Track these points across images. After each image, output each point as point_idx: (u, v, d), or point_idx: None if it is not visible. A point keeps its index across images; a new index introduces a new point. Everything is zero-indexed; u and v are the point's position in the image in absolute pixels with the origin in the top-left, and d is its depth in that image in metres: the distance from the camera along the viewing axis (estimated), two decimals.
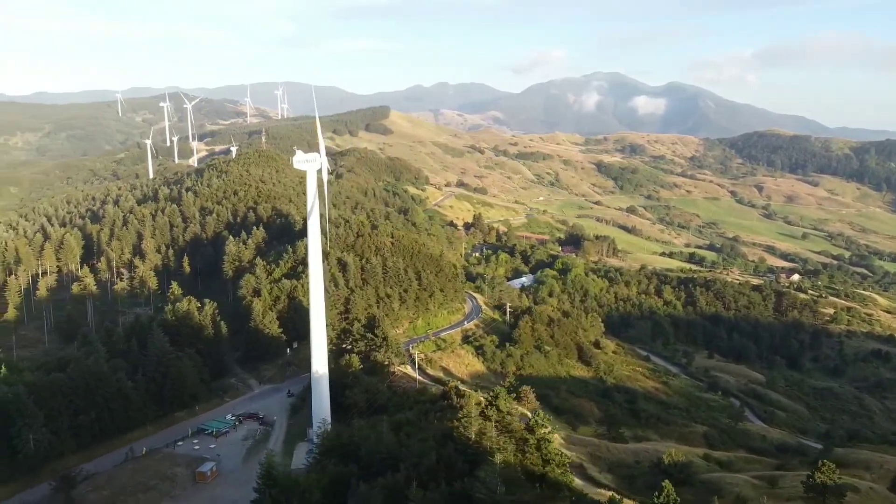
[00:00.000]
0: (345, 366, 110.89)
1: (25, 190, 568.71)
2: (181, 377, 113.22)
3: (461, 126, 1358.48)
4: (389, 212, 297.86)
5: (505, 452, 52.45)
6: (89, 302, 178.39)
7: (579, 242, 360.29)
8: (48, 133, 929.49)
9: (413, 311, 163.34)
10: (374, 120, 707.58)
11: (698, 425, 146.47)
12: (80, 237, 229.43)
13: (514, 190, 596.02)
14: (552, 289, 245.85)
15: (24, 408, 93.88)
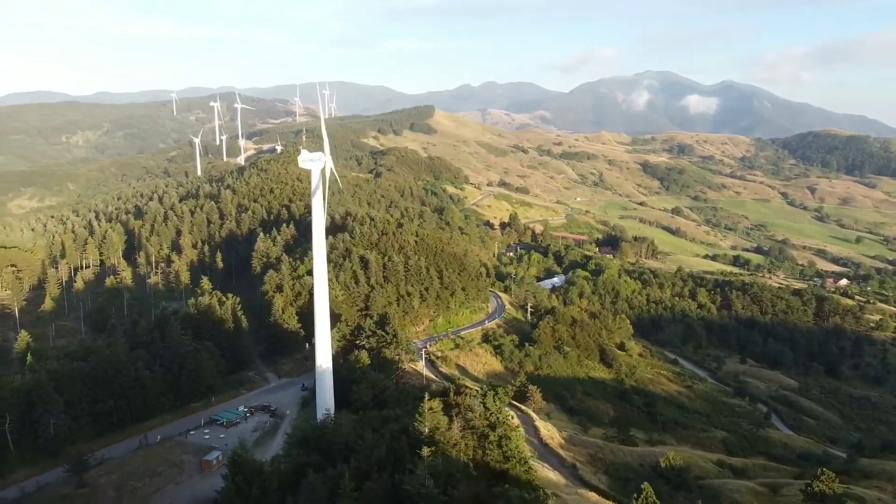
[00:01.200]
0: (353, 361, 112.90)
1: (83, 186, 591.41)
2: (198, 369, 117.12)
3: (508, 126, 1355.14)
4: (424, 210, 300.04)
5: (465, 448, 53.39)
6: (125, 295, 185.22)
7: (617, 243, 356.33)
8: (107, 132, 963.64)
9: (434, 310, 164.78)
10: (419, 119, 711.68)
11: (717, 431, 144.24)
12: (123, 232, 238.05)
13: (557, 190, 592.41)
14: (583, 290, 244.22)
15: (45, 394, 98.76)
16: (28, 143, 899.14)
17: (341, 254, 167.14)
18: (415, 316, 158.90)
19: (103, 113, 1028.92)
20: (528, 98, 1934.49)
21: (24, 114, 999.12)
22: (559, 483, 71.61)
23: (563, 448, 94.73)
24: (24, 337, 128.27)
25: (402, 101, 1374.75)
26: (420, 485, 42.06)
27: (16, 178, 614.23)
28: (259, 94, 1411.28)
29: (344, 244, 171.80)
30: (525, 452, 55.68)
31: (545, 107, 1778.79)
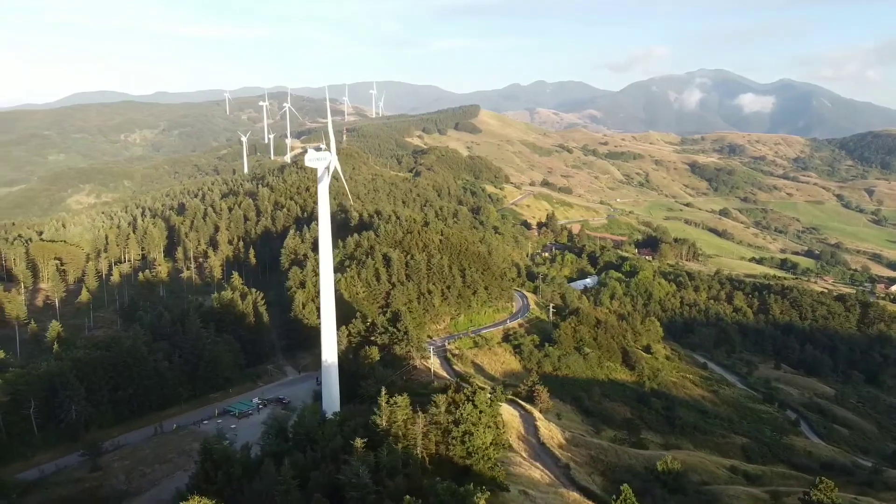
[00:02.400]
0: (363, 357, 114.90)
1: (137, 183, 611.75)
2: (215, 361, 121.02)
3: (557, 125, 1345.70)
4: (460, 210, 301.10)
5: (427, 442, 54.46)
6: (162, 288, 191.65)
7: (657, 245, 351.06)
8: (163, 130, 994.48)
9: (455, 308, 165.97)
10: (464, 119, 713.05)
11: (738, 437, 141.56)
12: (164, 228, 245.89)
13: (601, 190, 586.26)
14: (614, 291, 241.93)
15: (67, 381, 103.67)
16: (89, 141, 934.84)
17: (365, 251, 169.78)
18: (435, 314, 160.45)
19: (160, 112, 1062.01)
20: (577, 97, 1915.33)
21: (86, 113, 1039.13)
22: (541, 482, 71.97)
23: (563, 448, 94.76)
24: (54, 327, 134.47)
25: (451, 101, 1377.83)
26: (354, 475, 43.39)
27: (75, 175, 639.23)
28: (310, 94, 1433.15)
29: (368, 242, 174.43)
30: (490, 450, 56.29)
31: (595, 106, 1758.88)
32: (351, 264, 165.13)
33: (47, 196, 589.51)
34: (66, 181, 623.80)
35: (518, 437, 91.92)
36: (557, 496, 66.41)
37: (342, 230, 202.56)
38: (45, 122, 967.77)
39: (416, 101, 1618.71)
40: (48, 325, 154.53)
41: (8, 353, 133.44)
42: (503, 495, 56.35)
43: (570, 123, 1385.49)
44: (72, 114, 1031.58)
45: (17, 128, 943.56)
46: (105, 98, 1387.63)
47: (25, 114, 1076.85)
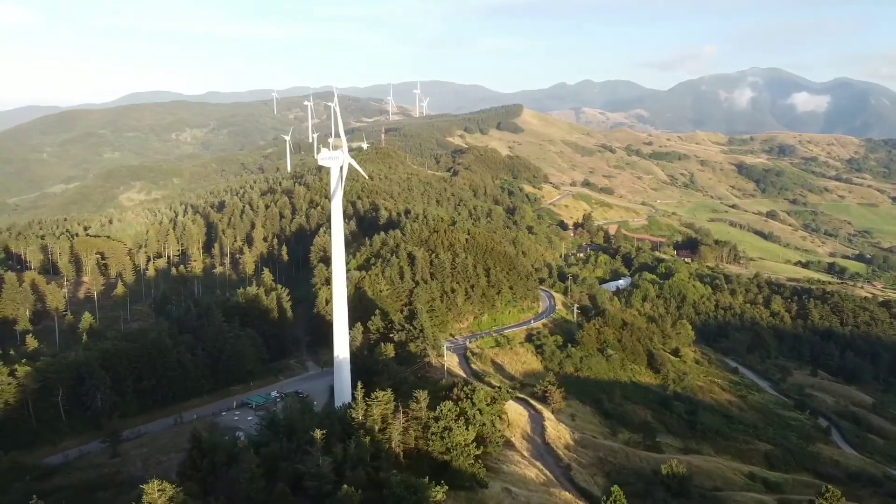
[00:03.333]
0: (378, 353, 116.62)
1: (186, 181, 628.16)
2: (237, 354, 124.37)
3: (603, 124, 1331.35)
4: (494, 209, 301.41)
5: (405, 437, 55.51)
6: (196, 283, 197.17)
7: (696, 247, 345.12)
8: (212, 129, 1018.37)
9: (478, 307, 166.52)
10: (506, 118, 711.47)
11: (762, 443, 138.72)
12: (203, 224, 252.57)
13: (643, 191, 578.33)
14: (647, 293, 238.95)
15: (93, 371, 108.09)
16: (142, 139, 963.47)
17: (391, 249, 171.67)
18: (458, 313, 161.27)
19: (210, 112, 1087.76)
20: (624, 96, 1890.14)
21: (140, 113, 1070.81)
22: (533, 480, 72.35)
23: (569, 449, 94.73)
24: (86, 318, 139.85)
25: (496, 100, 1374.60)
26: (314, 465, 44.70)
27: (127, 173, 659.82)
28: (357, 94, 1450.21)
29: (394, 240, 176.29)
30: (470, 446, 57.01)
31: (643, 105, 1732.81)
32: (376, 262, 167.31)
33: (101, 193, 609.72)
34: (118, 178, 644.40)
35: (522, 436, 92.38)
36: (547, 495, 66.73)
37: (372, 228, 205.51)
38: (102, 122, 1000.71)
39: (462, 101, 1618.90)
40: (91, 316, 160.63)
41: (43, 343, 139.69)
42: (483, 492, 57.03)
43: (617, 123, 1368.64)
44: (126, 113, 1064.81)
45: (76, 127, 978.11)
46: (159, 98, 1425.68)
47: (84, 113, 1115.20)
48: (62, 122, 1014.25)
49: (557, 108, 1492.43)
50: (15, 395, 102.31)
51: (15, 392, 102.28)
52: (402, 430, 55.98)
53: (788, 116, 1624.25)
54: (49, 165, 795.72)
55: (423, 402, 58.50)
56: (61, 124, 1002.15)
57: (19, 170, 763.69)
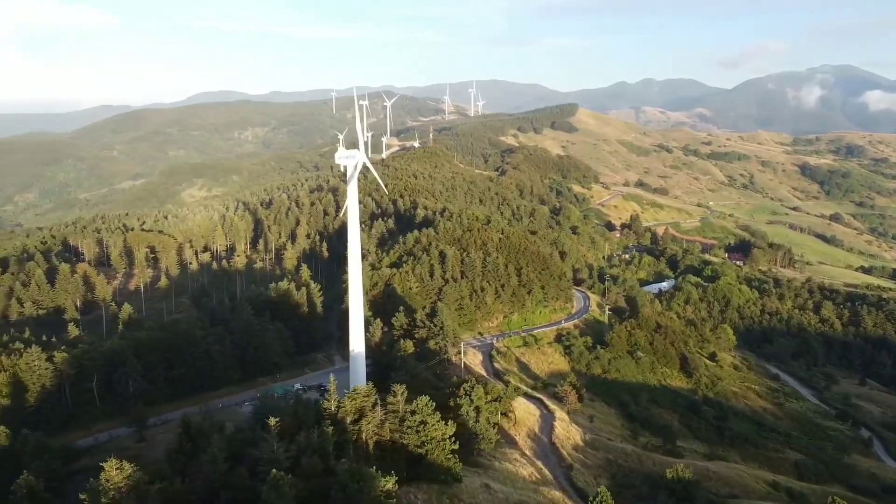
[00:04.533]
0: (397, 349, 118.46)
1: (245, 178, 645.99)
2: (263, 347, 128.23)
3: (663, 124, 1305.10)
4: (537, 209, 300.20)
5: (380, 429, 56.93)
6: (238, 277, 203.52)
7: (749, 249, 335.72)
8: (273, 128, 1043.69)
9: (508, 307, 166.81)
10: (561, 118, 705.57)
11: (792, 452, 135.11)
12: (251, 221, 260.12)
13: (700, 191, 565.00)
14: (689, 295, 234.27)
15: (125, 359, 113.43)
16: (206, 138, 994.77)
17: (423, 248, 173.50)
18: (487, 311, 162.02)
19: (271, 111, 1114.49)
20: (686, 95, 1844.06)
21: (205, 112, 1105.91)
22: (525, 478, 72.84)
23: (577, 450, 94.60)
24: (126, 309, 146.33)
25: (555, 99, 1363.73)
26: (268, 451, 46.56)
27: (189, 170, 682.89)
28: (416, 93, 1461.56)
29: (427, 238, 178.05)
30: (447, 441, 58.06)
31: (705, 104, 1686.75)
32: (408, 260, 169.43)
33: (164, 189, 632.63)
34: (180, 176, 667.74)
35: (528, 435, 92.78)
36: (533, 493, 67.17)
37: (409, 227, 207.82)
38: (169, 120, 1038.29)
39: (520, 99, 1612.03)
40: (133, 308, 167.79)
41: (85, 331, 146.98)
42: (458, 486, 58.06)
43: (678, 122, 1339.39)
44: (192, 112, 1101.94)
45: (144, 125, 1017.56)
46: (225, 97, 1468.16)
47: (153, 112, 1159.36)
48: (132, 121, 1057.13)
49: (616, 108, 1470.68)
50: (52, 380, 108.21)
51: (52, 377, 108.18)
52: (379, 423, 57.46)
53: (860, 116, 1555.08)
54: (118, 162, 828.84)
55: (401, 396, 59.85)
56: (131, 123, 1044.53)
57: (91, 166, 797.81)
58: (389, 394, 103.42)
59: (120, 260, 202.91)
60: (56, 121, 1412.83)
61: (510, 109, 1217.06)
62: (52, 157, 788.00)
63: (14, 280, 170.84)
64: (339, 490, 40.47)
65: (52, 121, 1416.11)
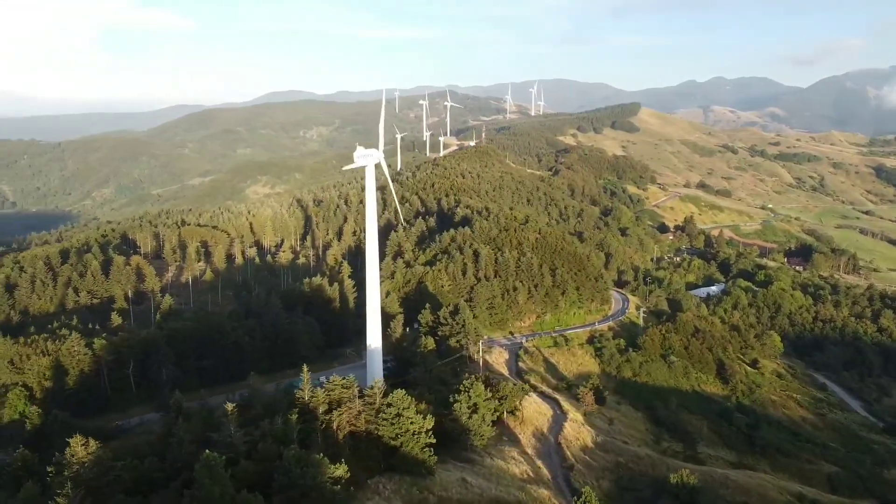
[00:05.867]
0: (417, 346, 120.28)
1: (307, 176, 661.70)
2: (292, 340, 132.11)
3: (733, 123, 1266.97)
4: (585, 210, 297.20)
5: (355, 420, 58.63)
6: (283, 273, 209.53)
7: (810, 254, 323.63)
8: (337, 127, 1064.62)
9: (541, 307, 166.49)
10: (622, 117, 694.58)
11: (827, 464, 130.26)
12: (302, 218, 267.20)
13: (765, 194, 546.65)
14: (738, 300, 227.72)
15: (159, 347, 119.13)
16: (273, 136, 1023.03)
17: (457, 246, 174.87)
18: (518, 311, 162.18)
19: (336, 110, 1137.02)
20: (759, 94, 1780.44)
21: (272, 111, 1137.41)
22: (515, 476, 73.39)
23: (584, 451, 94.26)
24: (167, 300, 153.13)
25: (621, 98, 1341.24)
26: (226, 435, 48.80)
27: (254, 168, 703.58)
28: (480, 93, 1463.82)
29: (462, 237, 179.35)
30: (423, 435, 59.35)
31: (779, 104, 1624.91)
32: (442, 258, 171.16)
33: (230, 186, 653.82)
34: (246, 173, 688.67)
35: (533, 434, 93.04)
36: (517, 490, 67.79)
37: (448, 225, 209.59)
38: (238, 119, 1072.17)
39: (585, 99, 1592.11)
40: (181, 299, 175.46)
41: (135, 320, 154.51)
42: (431, 479, 59.30)
43: (749, 122, 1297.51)
44: (261, 111, 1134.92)
45: (215, 124, 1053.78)
46: (293, 97, 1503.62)
47: (224, 111, 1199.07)
48: (203, 120, 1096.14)
49: (684, 107, 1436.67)
50: (90, 365, 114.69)
51: (90, 362, 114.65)
52: (356, 414, 59.29)
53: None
54: (190, 160, 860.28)
55: (378, 390, 61.53)
56: (202, 122, 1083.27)
57: (164, 163, 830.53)
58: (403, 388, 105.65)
59: (172, 253, 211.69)
60: (135, 119, 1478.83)
61: (574, 109, 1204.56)
62: (129, 154, 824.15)
63: (72, 270, 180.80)
64: (282, 474, 42.39)
65: (131, 119, 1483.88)
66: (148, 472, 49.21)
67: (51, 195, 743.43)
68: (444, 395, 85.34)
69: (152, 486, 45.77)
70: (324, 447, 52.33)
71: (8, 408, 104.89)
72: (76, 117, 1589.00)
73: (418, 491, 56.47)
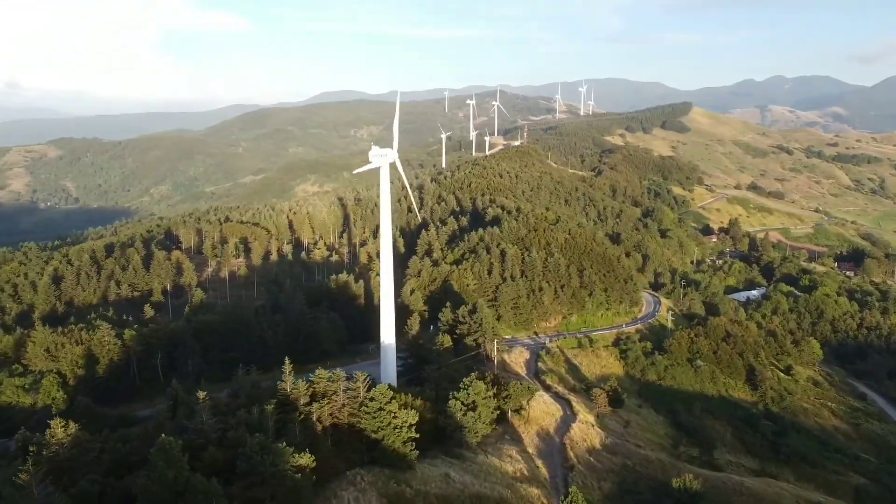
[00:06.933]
0: (433, 344, 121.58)
1: (355, 175, 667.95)
2: (314, 335, 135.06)
3: (792, 124, 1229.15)
4: (624, 210, 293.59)
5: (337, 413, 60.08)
6: (317, 269, 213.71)
7: (862, 259, 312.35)
8: (386, 127, 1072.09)
9: (567, 308, 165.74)
10: (672, 117, 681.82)
11: (856, 476, 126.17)
12: (341, 216, 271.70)
13: (821, 196, 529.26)
14: (778, 305, 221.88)
15: (185, 339, 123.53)
16: (324, 136, 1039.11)
17: (485, 246, 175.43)
18: (544, 311, 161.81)
19: (386, 110, 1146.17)
20: (821, 93, 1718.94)
21: (325, 111, 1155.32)
22: (507, 473, 73.81)
23: (590, 453, 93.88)
24: (198, 294, 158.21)
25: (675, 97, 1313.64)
26: (199, 422, 50.76)
27: (304, 167, 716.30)
28: (531, 92, 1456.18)
29: (490, 237, 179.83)
30: (405, 431, 60.47)
31: (842, 103, 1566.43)
32: (470, 257, 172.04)
33: (280, 184, 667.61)
34: (295, 171, 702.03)
35: (537, 433, 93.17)
36: (503, 487, 68.33)
37: (478, 224, 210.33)
38: (291, 119, 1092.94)
39: (638, 98, 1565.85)
40: (218, 294, 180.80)
41: (169, 313, 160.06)
42: (412, 473, 60.40)
43: (809, 122, 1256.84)
44: (313, 111, 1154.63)
45: (269, 123, 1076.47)
46: (346, 97, 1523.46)
47: (278, 111, 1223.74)
48: (257, 120, 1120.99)
49: (740, 106, 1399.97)
50: (119, 355, 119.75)
51: (119, 352, 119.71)
52: (339, 407, 60.84)
53: None
54: (243, 158, 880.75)
55: (363, 384, 62.91)
56: (256, 121, 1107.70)
57: (219, 162, 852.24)
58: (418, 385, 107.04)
59: (212, 249, 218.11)
60: (193, 119, 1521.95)
61: (627, 108, 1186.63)
62: (185, 152, 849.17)
63: (115, 264, 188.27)
64: (244, 461, 44.13)
65: (189, 119, 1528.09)
66: (127, 454, 51.81)
67: (111, 192, 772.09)
68: (447, 393, 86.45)
69: (131, 469, 48.17)
70: (302, 438, 53.95)
71: (42, 393, 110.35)
72: (138, 116, 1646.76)
73: (396, 484, 57.60)
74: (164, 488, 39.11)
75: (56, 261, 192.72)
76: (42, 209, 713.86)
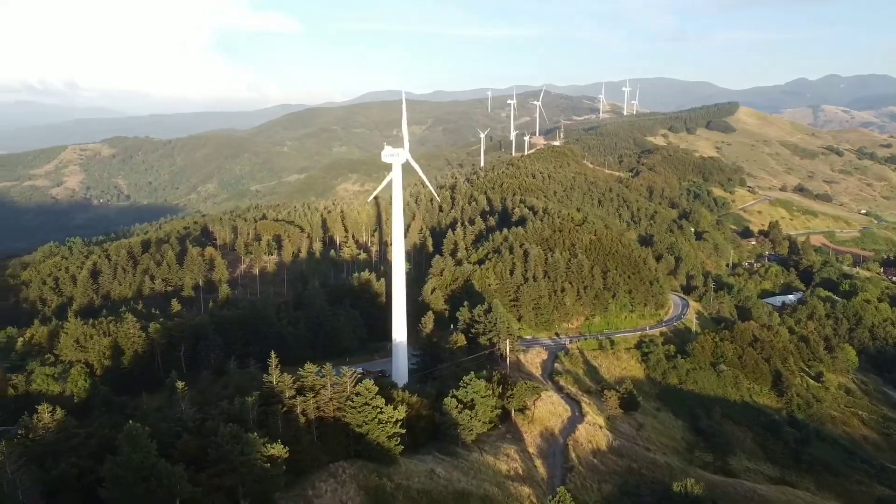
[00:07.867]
0: (446, 342, 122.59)
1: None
2: (334, 331, 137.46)
3: (846, 124, 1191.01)
4: (659, 212, 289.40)
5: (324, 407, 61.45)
6: (346, 267, 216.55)
7: None
8: (429, 126, 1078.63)
9: (589, 309, 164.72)
10: (717, 117, 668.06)
11: (881, 487, 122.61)
12: (374, 215, 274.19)
13: (872, 199, 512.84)
14: (814, 310, 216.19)
15: (207, 333, 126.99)
16: (366, 135, 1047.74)
17: (509, 246, 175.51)
18: (565, 312, 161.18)
19: (429, 109, 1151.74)
20: (879, 92, 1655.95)
21: (368, 110, 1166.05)
22: (501, 471, 74.32)
23: (594, 454, 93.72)
24: (224, 290, 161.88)
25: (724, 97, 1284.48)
26: (178, 413, 52.60)
27: (346, 165, 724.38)
28: (576, 91, 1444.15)
29: (514, 237, 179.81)
30: (390, 426, 61.58)
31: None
32: (493, 257, 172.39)
33: (322, 183, 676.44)
34: (337, 171, 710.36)
35: (541, 433, 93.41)
36: (494, 486, 68.92)
37: (504, 224, 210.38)
38: (336, 118, 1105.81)
39: (685, 98, 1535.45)
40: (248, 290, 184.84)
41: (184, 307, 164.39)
42: (396, 467, 61.52)
43: (864, 122, 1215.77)
44: (357, 111, 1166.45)
45: (314, 122, 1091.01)
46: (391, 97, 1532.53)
47: (324, 110, 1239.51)
48: (303, 119, 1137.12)
49: (792, 106, 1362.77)
50: (144, 347, 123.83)
51: (144, 344, 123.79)
52: (327, 400, 62.32)
53: None
54: (288, 157, 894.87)
55: (350, 379, 64.26)
56: (302, 121, 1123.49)
57: (265, 160, 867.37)
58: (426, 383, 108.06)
59: (245, 246, 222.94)
60: (241, 118, 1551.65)
61: (673, 108, 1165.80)
62: (232, 151, 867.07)
63: (150, 259, 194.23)
64: (214, 449, 45.83)
65: (238, 118, 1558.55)
66: (113, 440, 54.02)
67: (161, 189, 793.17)
68: (449, 390, 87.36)
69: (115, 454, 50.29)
70: (284, 430, 55.53)
71: (70, 382, 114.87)
72: (189, 116, 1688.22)
73: (377, 477, 58.82)
74: (130, 472, 41.06)
75: (95, 255, 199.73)
76: (95, 206, 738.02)
